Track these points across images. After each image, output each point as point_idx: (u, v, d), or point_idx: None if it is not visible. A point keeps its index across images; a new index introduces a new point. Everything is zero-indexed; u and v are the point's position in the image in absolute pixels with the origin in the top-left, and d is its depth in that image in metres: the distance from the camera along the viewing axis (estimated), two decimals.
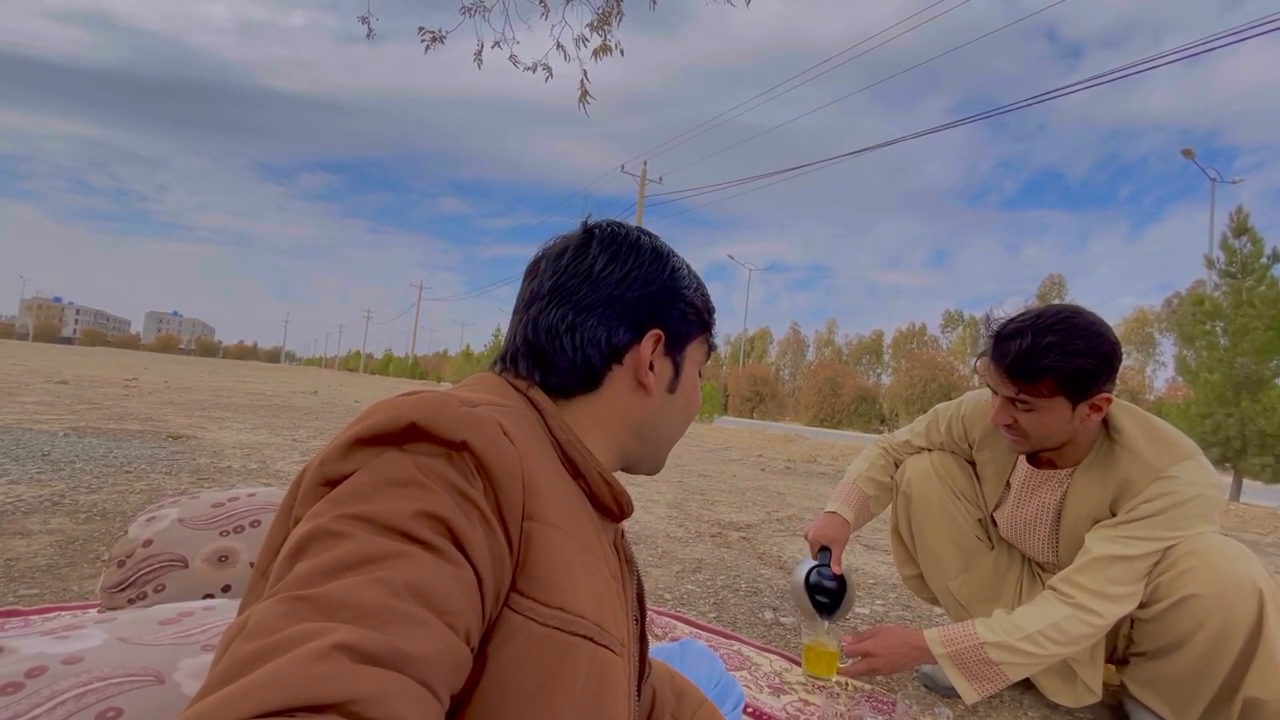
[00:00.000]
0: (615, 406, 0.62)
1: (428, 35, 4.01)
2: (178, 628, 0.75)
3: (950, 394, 30.06)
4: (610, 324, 0.60)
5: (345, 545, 0.37)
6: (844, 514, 1.66)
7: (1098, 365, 1.21)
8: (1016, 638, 1.29)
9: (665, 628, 1.78)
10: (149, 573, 1.08)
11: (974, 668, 1.31)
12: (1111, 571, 1.26)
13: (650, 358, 0.62)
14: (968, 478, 1.61)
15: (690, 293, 0.65)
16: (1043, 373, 1.21)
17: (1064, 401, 1.24)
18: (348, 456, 0.43)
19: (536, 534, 0.46)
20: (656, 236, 0.68)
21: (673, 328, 0.64)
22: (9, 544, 1.91)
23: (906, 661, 1.40)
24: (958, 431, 1.61)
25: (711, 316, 0.69)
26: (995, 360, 1.28)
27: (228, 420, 5.96)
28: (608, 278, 0.61)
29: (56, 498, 2.48)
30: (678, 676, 0.85)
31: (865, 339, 59.85)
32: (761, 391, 39.85)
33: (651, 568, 2.44)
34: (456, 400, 0.47)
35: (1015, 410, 1.29)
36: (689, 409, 0.69)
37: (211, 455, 3.85)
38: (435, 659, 0.35)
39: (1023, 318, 1.27)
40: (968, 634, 1.33)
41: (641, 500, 3.87)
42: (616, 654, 0.52)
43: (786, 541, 3.13)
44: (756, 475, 6.07)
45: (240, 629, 0.34)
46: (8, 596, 1.54)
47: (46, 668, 0.62)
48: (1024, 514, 1.49)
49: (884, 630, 1.43)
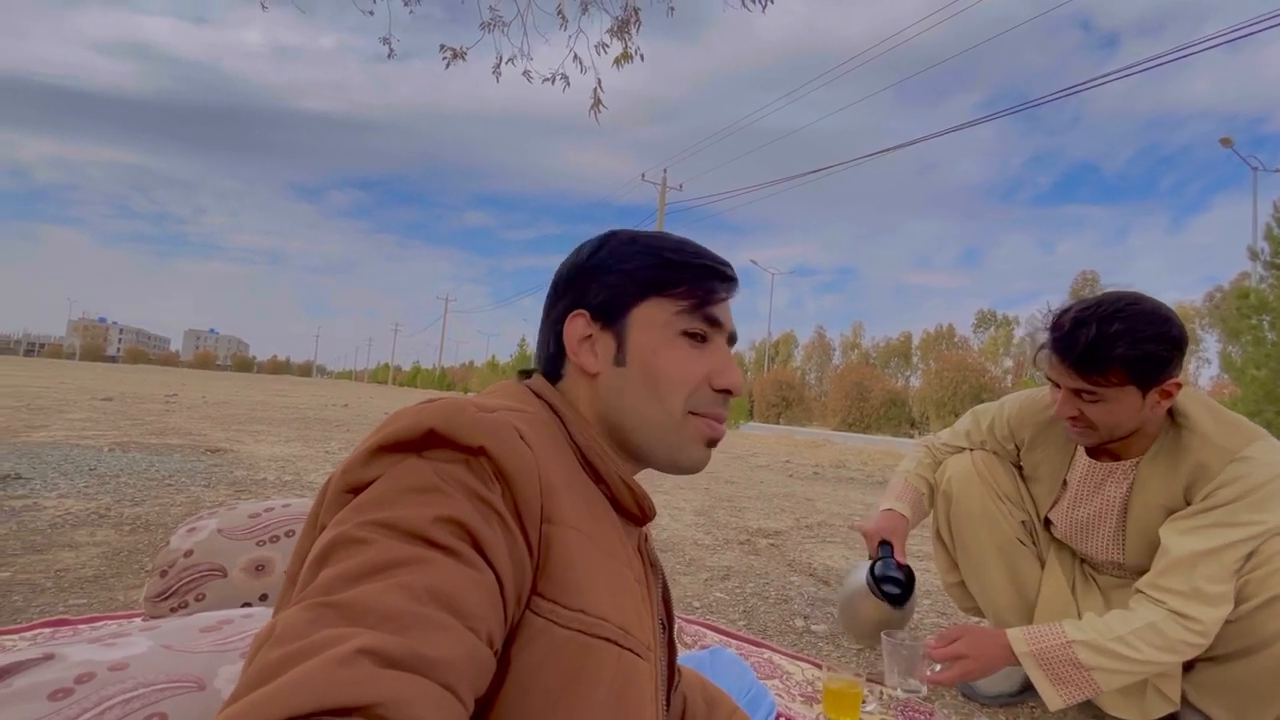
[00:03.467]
0: (579, 394, 0.62)
1: (448, 52, 4.09)
2: (217, 635, 0.77)
3: (982, 395, 29.29)
4: (551, 318, 0.64)
5: (368, 552, 0.38)
6: (900, 509, 1.60)
7: (1169, 350, 1.16)
8: (1108, 638, 1.19)
9: (695, 636, 1.77)
10: (190, 582, 1.11)
11: (1060, 669, 1.22)
12: (1201, 570, 1.17)
13: (582, 339, 0.61)
14: (1012, 479, 1.55)
15: (619, 261, 0.61)
16: (1113, 362, 1.16)
17: (1134, 390, 1.19)
18: (370, 464, 0.44)
19: (556, 537, 0.47)
20: (624, 229, 0.67)
21: (595, 300, 0.61)
22: (59, 556, 1.99)
23: (996, 664, 1.30)
24: (1001, 433, 1.55)
25: (670, 271, 0.61)
26: (1060, 352, 1.23)
27: (263, 434, 6.12)
28: (558, 278, 0.66)
29: (102, 511, 2.57)
30: (709, 685, 0.84)
31: (893, 341, 58.96)
32: (788, 396, 39.48)
33: (679, 575, 2.43)
34: (474, 406, 0.47)
35: (1081, 402, 1.24)
36: (654, 377, 0.59)
37: (248, 468, 3.96)
38: (457, 662, 0.36)
39: (1083, 307, 1.22)
40: (1054, 632, 1.25)
41: (668, 508, 3.86)
42: (642, 658, 0.52)
43: (816, 548, 3.08)
44: (784, 481, 6.00)
45: (268, 635, 0.35)
46: (58, 606, 1.60)
47: (95, 674, 0.64)
48: (1085, 511, 1.43)
49: (969, 630, 1.34)
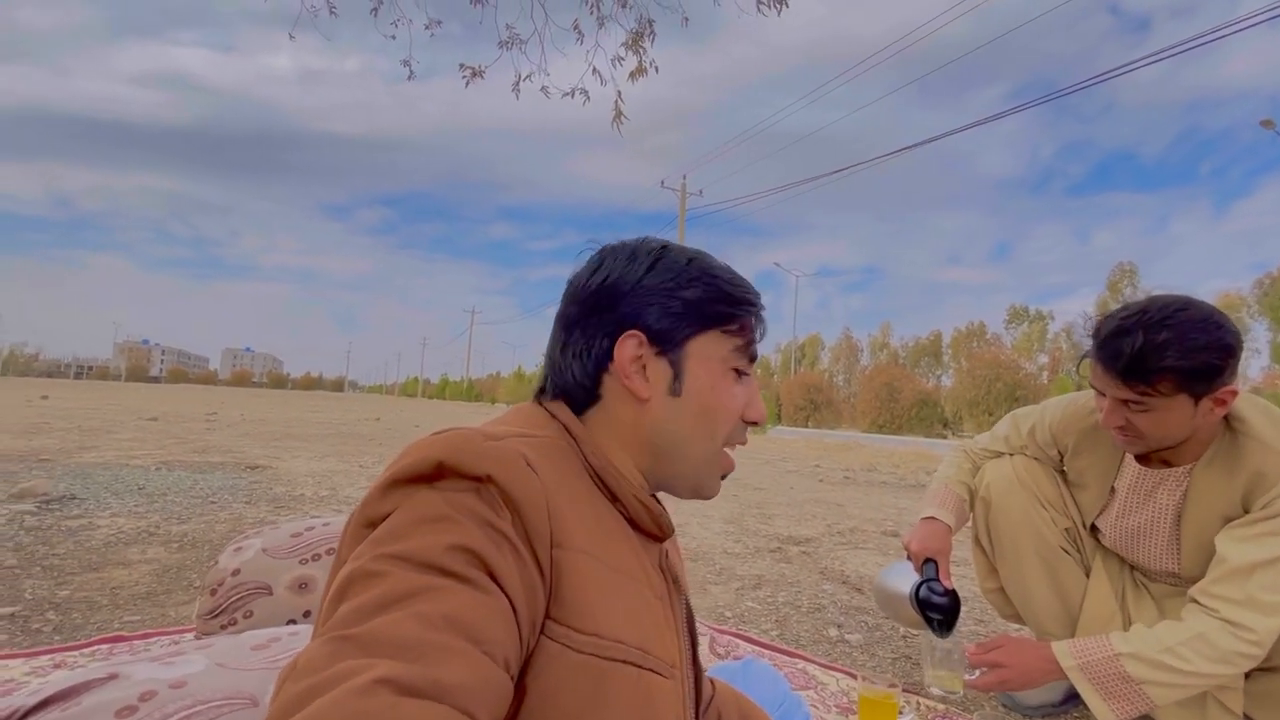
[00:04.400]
0: (621, 418, 0.60)
1: (468, 71, 4.19)
2: (267, 653, 0.80)
3: (1016, 393, 28.44)
4: (590, 333, 0.60)
5: (383, 584, 0.39)
6: (944, 519, 1.55)
7: (1222, 359, 1.13)
8: (1156, 650, 1.16)
9: (727, 646, 1.76)
10: (238, 600, 1.16)
11: (1110, 684, 1.19)
12: (1258, 578, 1.14)
13: (633, 360, 0.59)
14: (1054, 484, 1.52)
15: (679, 287, 0.60)
16: (1162, 372, 1.13)
17: (1186, 399, 1.16)
18: (385, 497, 0.46)
19: (566, 561, 0.47)
20: (655, 239, 0.65)
21: (654, 325, 0.59)
22: (113, 573, 2.08)
23: (1038, 676, 1.27)
24: (1043, 438, 1.51)
25: (730, 306, 0.62)
26: (1104, 363, 1.20)
27: (299, 450, 6.28)
28: (587, 289, 0.62)
29: (152, 529, 2.67)
30: (744, 699, 0.84)
31: (923, 340, 57.86)
32: (816, 399, 38.95)
33: (710, 585, 2.42)
34: (481, 436, 0.49)
35: (1129, 411, 1.21)
36: (709, 414, 0.61)
37: (286, 484, 4.07)
38: (475, 688, 0.36)
39: (1127, 314, 1.19)
40: (1101, 645, 1.22)
41: (697, 516, 3.85)
42: (665, 676, 0.52)
43: (849, 555, 3.05)
44: (814, 486, 5.94)
45: (291, 669, 0.36)
46: (114, 623, 1.67)
47: (157, 692, 0.68)
48: (1136, 520, 1.39)
49: (1011, 641, 1.32)
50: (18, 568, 2.06)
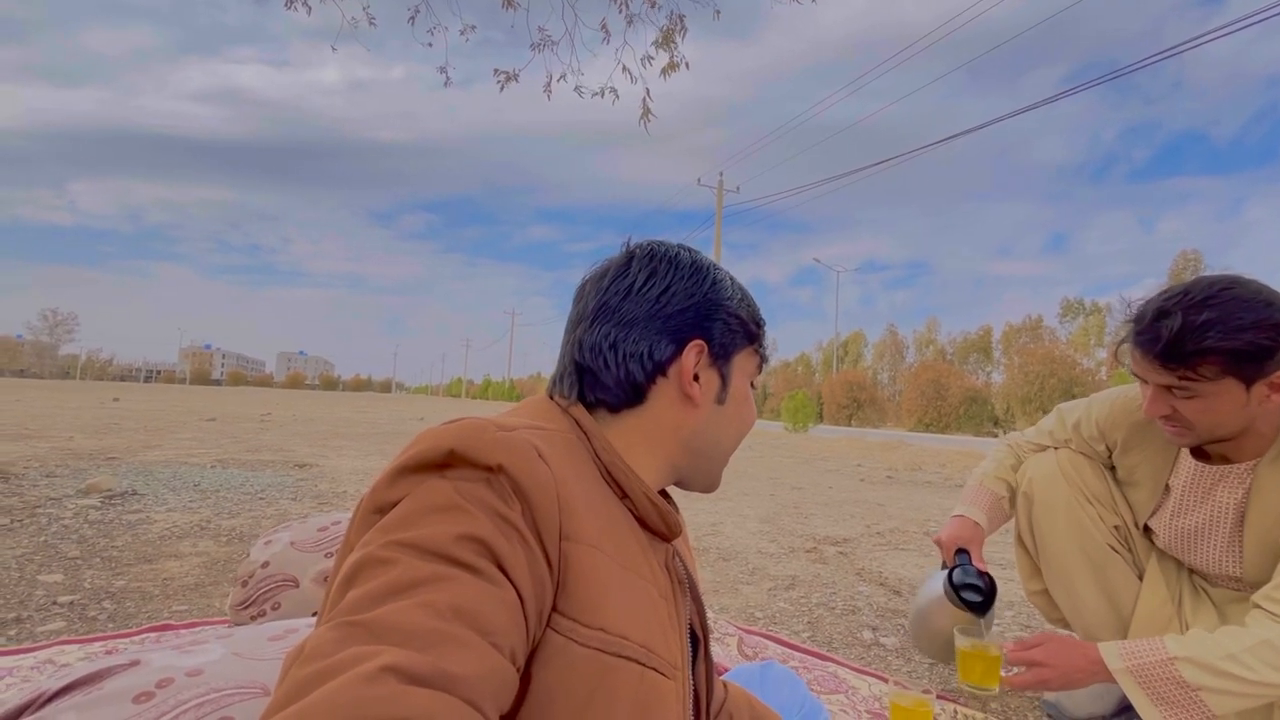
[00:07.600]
0: (663, 420, 0.62)
1: (502, 76, 4.26)
2: (283, 644, 0.82)
3: (1072, 389, 27.16)
4: (652, 338, 0.61)
5: (392, 571, 0.39)
6: (974, 516, 1.50)
7: (1272, 338, 1.04)
8: (1217, 655, 1.08)
9: (755, 647, 1.73)
10: (267, 591, 1.19)
11: (1163, 689, 1.11)
12: None
13: (694, 369, 0.62)
14: (1102, 480, 1.43)
15: (733, 304, 0.65)
16: (1204, 353, 1.06)
17: (1235, 384, 1.08)
18: (394, 485, 0.46)
19: (575, 554, 0.47)
20: (697, 251, 0.68)
21: (716, 338, 0.63)
22: (166, 565, 2.18)
23: (1080, 677, 1.19)
24: (1089, 433, 1.44)
25: (760, 328, 0.69)
26: (1142, 346, 1.13)
27: (345, 449, 6.49)
28: (647, 293, 0.62)
29: (203, 523, 2.79)
30: (757, 703, 0.82)
31: (971, 336, 55.98)
32: (859, 398, 38.13)
33: (742, 584, 2.39)
34: (493, 426, 0.48)
35: (1173, 399, 1.13)
36: (741, 421, 0.68)
37: (331, 481, 4.20)
38: (481, 678, 0.36)
39: (1167, 295, 1.12)
40: (1154, 648, 1.13)
41: (732, 515, 3.80)
42: (667, 676, 0.51)
43: (887, 556, 2.96)
44: (855, 486, 5.80)
45: (298, 654, 0.36)
46: (163, 612, 1.75)
47: (173, 679, 0.70)
48: (1193, 520, 1.30)
49: (1053, 639, 1.25)
50: (79, 558, 2.19)
